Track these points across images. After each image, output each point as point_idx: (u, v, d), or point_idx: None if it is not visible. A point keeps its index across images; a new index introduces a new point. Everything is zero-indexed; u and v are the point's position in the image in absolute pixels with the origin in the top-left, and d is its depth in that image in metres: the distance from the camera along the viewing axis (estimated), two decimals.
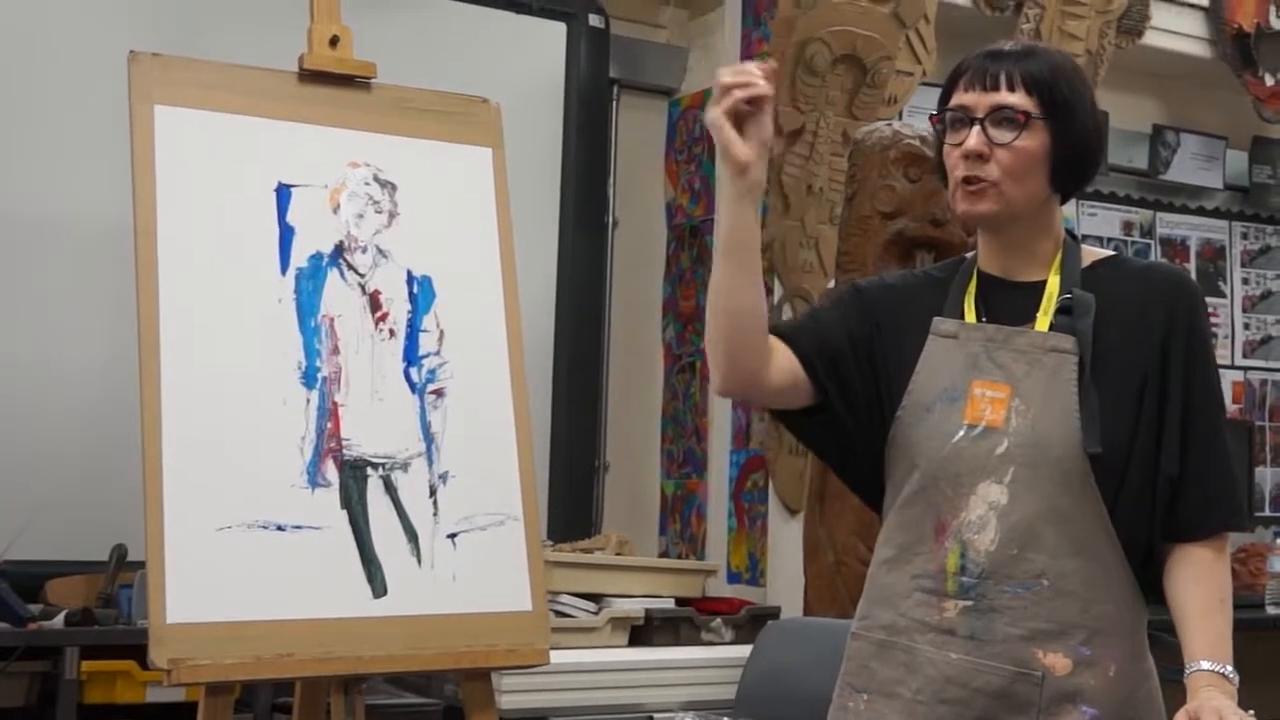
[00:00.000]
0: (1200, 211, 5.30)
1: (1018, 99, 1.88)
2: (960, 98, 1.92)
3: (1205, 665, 1.82)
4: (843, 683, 1.99)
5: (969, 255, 2.03)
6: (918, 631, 1.90)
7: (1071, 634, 1.85)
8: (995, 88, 1.89)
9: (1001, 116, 1.88)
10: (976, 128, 1.89)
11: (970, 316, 1.95)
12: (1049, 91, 1.89)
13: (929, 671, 1.88)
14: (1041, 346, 1.89)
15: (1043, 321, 1.91)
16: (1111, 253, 2.03)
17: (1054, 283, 1.93)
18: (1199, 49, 4.84)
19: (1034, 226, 1.94)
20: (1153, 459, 1.88)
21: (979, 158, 1.88)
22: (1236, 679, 1.82)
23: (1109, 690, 1.86)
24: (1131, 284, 1.93)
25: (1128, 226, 5.14)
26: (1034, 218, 1.93)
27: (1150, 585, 1.91)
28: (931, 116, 1.99)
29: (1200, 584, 1.87)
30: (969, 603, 1.87)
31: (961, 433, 1.89)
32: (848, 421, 1.98)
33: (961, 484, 1.88)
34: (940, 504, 1.90)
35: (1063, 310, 1.91)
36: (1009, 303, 1.94)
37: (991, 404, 1.89)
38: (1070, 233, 1.99)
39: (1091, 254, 1.98)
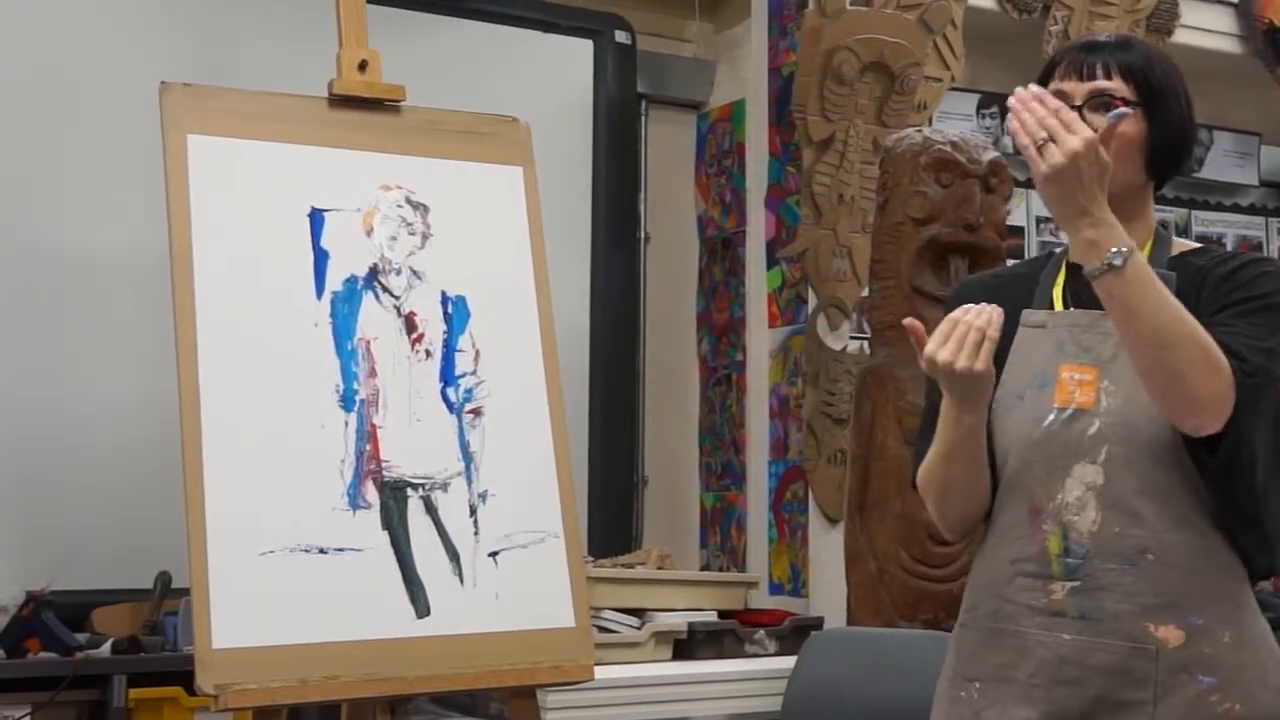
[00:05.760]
0: (1235, 209, 5.26)
1: (1115, 85, 1.94)
2: (1057, 85, 1.97)
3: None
4: (952, 674, 2.02)
5: (1058, 250, 2.08)
6: (1024, 616, 1.93)
7: (1181, 605, 1.87)
8: (1092, 76, 1.95)
9: (1100, 102, 1.93)
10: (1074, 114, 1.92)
11: (1059, 306, 2.00)
12: (1145, 79, 1.95)
13: (1041, 654, 1.91)
14: None
15: None
16: (1201, 245, 2.06)
17: None
18: (1230, 45, 4.80)
19: (1128, 214, 1.96)
20: None
21: None
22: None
23: (1227, 656, 1.87)
24: (1218, 268, 1.95)
25: (1163, 225, 5.10)
26: (1130, 206, 1.97)
27: (1249, 552, 1.92)
28: None
29: None
30: (1076, 583, 1.89)
31: (1052, 416, 1.93)
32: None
33: (1055, 466, 1.92)
34: (1034, 487, 1.93)
35: None
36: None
37: (1080, 386, 1.92)
38: (1163, 224, 2.03)
39: (1182, 245, 2.03)
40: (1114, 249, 1.78)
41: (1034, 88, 1.81)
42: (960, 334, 1.89)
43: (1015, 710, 1.92)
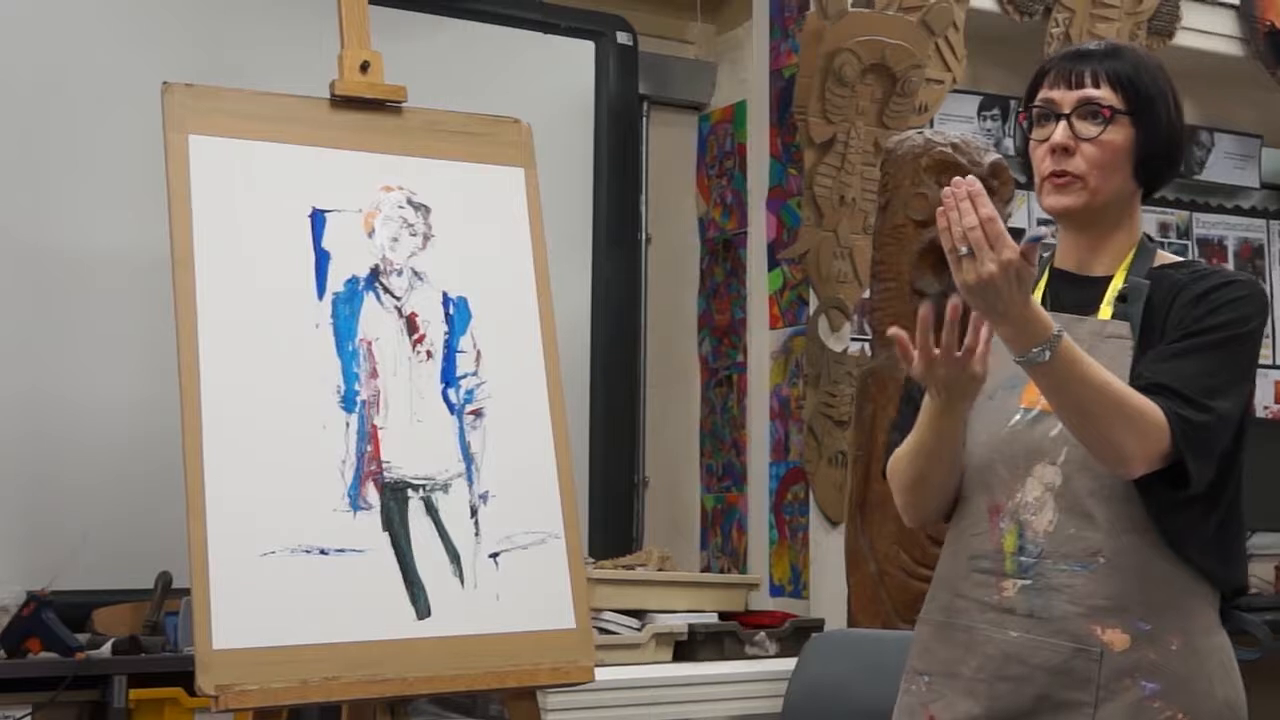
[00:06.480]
0: (1237, 211, 5.26)
1: (1103, 94, 1.94)
2: (1046, 94, 1.98)
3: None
4: (907, 668, 2.05)
5: (1045, 254, 2.08)
6: (976, 611, 1.95)
7: (1130, 610, 1.88)
8: (1081, 85, 1.95)
9: (1087, 111, 1.94)
10: (1063, 123, 1.94)
11: None
12: (1133, 87, 1.95)
13: (988, 650, 1.93)
14: (1100, 333, 1.94)
15: (1105, 311, 1.96)
16: (1184, 259, 2.06)
17: (1120, 276, 1.98)
18: (1231, 48, 4.80)
19: (1115, 222, 1.99)
20: None
21: (1065, 152, 1.94)
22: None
23: (1172, 664, 1.87)
24: (1194, 285, 1.95)
25: (1164, 228, 5.11)
26: (1117, 213, 1.99)
27: (1206, 572, 1.91)
28: (1018, 114, 2.05)
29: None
30: (1027, 582, 1.91)
31: (1018, 416, 1.95)
32: None
33: (1017, 466, 1.94)
34: (995, 485, 1.96)
35: (1122, 299, 1.96)
36: (1075, 296, 2.00)
37: None
38: (1149, 236, 2.04)
39: (1166, 257, 2.03)
40: (1036, 348, 1.78)
41: (969, 183, 1.77)
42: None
43: (960, 704, 1.94)
